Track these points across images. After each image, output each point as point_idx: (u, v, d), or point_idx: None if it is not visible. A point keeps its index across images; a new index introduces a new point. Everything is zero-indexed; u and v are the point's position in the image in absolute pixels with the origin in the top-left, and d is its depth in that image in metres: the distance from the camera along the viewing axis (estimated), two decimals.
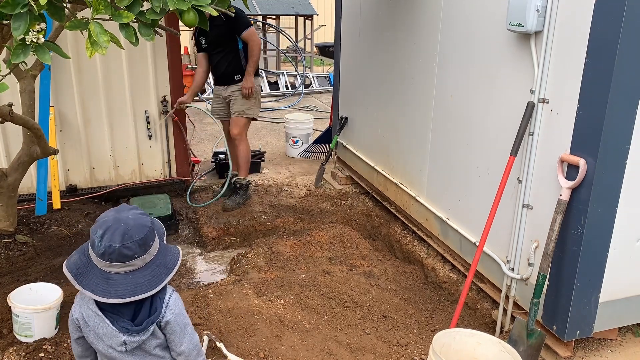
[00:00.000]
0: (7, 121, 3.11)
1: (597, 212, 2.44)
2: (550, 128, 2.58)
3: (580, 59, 2.34)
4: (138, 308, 1.70)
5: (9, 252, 3.64)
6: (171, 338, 1.78)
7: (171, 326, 1.75)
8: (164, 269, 1.70)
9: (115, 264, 1.62)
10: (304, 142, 6.36)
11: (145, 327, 1.69)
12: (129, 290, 1.62)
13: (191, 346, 1.80)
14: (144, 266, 1.66)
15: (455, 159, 3.37)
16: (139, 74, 4.64)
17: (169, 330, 1.76)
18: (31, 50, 2.02)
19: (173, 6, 2.01)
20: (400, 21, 3.87)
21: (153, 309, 1.71)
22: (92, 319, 1.70)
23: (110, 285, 1.62)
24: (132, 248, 1.62)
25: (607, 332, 2.82)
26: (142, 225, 1.66)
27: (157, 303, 1.72)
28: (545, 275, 2.58)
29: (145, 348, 1.75)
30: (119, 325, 1.68)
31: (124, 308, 1.68)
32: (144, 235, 1.65)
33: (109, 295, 1.61)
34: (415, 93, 3.76)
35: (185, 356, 1.80)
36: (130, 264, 1.63)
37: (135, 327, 1.68)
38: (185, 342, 1.79)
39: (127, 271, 1.64)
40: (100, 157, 4.74)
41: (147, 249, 1.66)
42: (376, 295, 3.31)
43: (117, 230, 1.61)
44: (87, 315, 1.70)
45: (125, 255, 1.61)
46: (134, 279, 1.64)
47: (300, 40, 11.69)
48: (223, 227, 4.46)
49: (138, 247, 1.63)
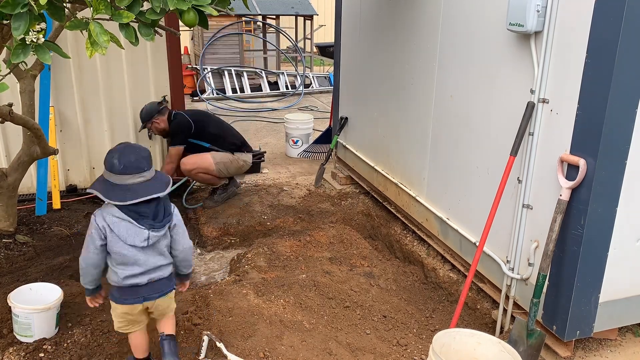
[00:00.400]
0: (7, 121, 3.11)
1: (597, 212, 2.44)
2: (550, 128, 2.58)
3: (580, 59, 2.34)
4: (156, 211, 2.26)
5: (9, 252, 3.64)
6: (176, 238, 2.36)
7: (177, 228, 2.36)
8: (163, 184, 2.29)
9: (133, 175, 2.20)
10: (304, 142, 6.36)
11: (165, 224, 2.28)
12: (147, 192, 2.21)
13: (189, 244, 2.42)
14: (151, 178, 2.25)
15: (455, 159, 3.37)
16: (139, 74, 4.64)
17: (176, 231, 2.35)
18: (31, 50, 2.02)
19: (173, 6, 2.01)
20: (400, 21, 3.87)
21: (167, 212, 2.31)
22: (117, 224, 2.21)
23: (132, 192, 2.19)
24: (142, 162, 2.23)
25: (607, 332, 2.82)
26: (144, 149, 2.31)
27: (169, 208, 2.33)
28: (545, 275, 2.58)
29: (157, 246, 2.29)
30: (144, 223, 2.22)
31: (146, 210, 2.23)
32: (147, 154, 2.28)
33: (131, 197, 2.17)
34: (415, 93, 3.76)
35: (186, 252, 2.41)
36: (142, 175, 2.22)
37: (157, 223, 2.25)
38: (185, 241, 2.39)
39: (141, 181, 2.22)
40: (100, 157, 4.68)
41: (150, 165, 2.27)
42: (376, 295, 3.31)
43: (129, 152, 2.24)
44: (111, 222, 2.21)
45: (139, 167, 2.21)
46: (147, 185, 2.22)
47: (300, 40, 11.70)
48: (223, 227, 4.46)
49: (146, 161, 2.25)
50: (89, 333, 2.75)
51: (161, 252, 2.32)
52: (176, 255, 2.39)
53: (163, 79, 4.74)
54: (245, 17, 10.39)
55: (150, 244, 2.25)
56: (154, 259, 2.29)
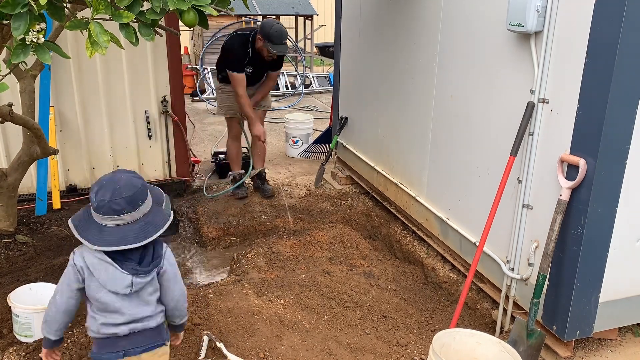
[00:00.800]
0: (7, 121, 3.11)
1: (597, 212, 2.44)
2: (550, 128, 2.58)
3: (580, 59, 2.34)
4: (143, 255, 1.96)
5: (9, 252, 3.64)
6: (166, 285, 2.03)
7: (167, 274, 2.02)
8: (152, 227, 1.92)
9: (106, 216, 1.87)
10: (304, 142, 6.36)
11: (151, 269, 1.96)
12: (116, 240, 1.87)
13: (179, 294, 2.09)
14: (132, 222, 1.90)
15: (455, 159, 3.37)
16: (139, 74, 4.64)
17: (165, 277, 2.02)
18: (31, 50, 2.02)
19: (173, 6, 2.01)
20: (400, 21, 3.87)
21: (156, 255, 1.99)
22: (98, 267, 1.91)
23: (102, 235, 1.87)
24: (120, 204, 1.86)
25: (607, 332, 2.82)
26: (132, 185, 1.90)
27: (158, 251, 2.00)
28: (545, 275, 2.58)
29: (142, 295, 1.98)
30: (127, 267, 1.92)
31: (131, 254, 1.92)
32: (132, 194, 1.88)
33: (98, 243, 1.86)
34: (415, 93, 3.76)
35: (175, 303, 2.08)
36: (119, 218, 1.87)
37: (142, 269, 1.94)
38: (177, 288, 2.06)
39: (117, 224, 1.88)
40: (100, 157, 4.74)
41: (135, 206, 1.89)
42: (376, 295, 3.31)
43: (108, 187, 1.88)
44: (92, 264, 1.91)
45: (114, 210, 1.86)
46: (123, 231, 1.88)
47: (300, 40, 11.70)
48: (223, 227, 4.46)
49: (126, 203, 1.87)
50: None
51: (147, 301, 1.99)
52: (166, 304, 2.07)
53: (163, 79, 4.74)
54: (245, 17, 10.39)
55: (134, 291, 1.94)
56: (138, 308, 1.97)
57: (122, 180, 1.91)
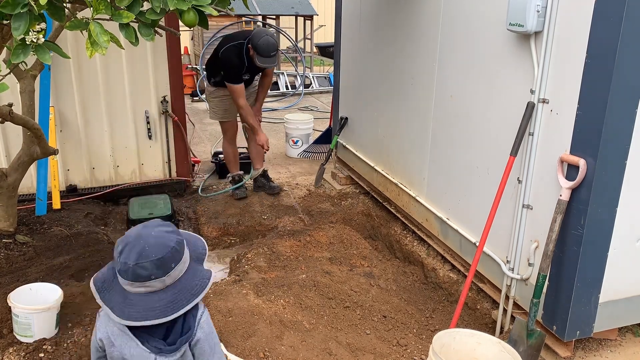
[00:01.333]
0: (7, 121, 3.11)
1: (597, 212, 2.44)
2: (550, 128, 2.58)
3: (580, 59, 2.34)
4: (170, 326, 1.60)
5: (9, 252, 3.64)
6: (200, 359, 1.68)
7: (201, 345, 1.65)
8: (186, 294, 1.57)
9: (132, 282, 1.53)
10: (304, 142, 6.36)
11: (179, 347, 1.60)
12: (139, 313, 1.52)
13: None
14: (164, 289, 1.55)
15: (455, 159, 3.37)
16: (139, 74, 4.64)
17: (199, 350, 1.66)
18: (31, 50, 2.02)
19: (173, 6, 2.01)
20: (400, 21, 3.87)
21: (186, 327, 1.61)
22: (119, 338, 1.59)
23: (125, 305, 1.53)
24: (147, 268, 1.51)
25: (607, 332, 2.82)
26: (163, 244, 1.54)
27: (190, 321, 1.63)
28: (545, 275, 2.58)
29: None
30: (150, 345, 1.58)
31: (156, 328, 1.57)
32: (163, 255, 1.52)
33: (122, 316, 1.52)
34: (415, 93, 3.76)
35: None
36: (147, 285, 1.53)
37: (168, 346, 1.58)
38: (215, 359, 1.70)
39: (144, 292, 1.54)
40: (100, 157, 4.74)
41: (167, 270, 1.54)
42: (376, 296, 3.31)
43: (134, 247, 1.52)
44: (112, 334, 1.60)
45: (139, 275, 1.51)
46: (150, 302, 1.53)
47: (300, 40, 11.69)
48: (223, 227, 4.46)
49: (155, 267, 1.51)
50: (89, 333, 2.75)
51: None
52: None
53: (163, 79, 4.74)
54: (245, 17, 10.39)
55: None
56: None
57: (151, 237, 1.55)
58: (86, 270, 3.49)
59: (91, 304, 3.01)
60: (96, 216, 4.45)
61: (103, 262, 3.61)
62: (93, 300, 2.92)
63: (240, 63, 4.47)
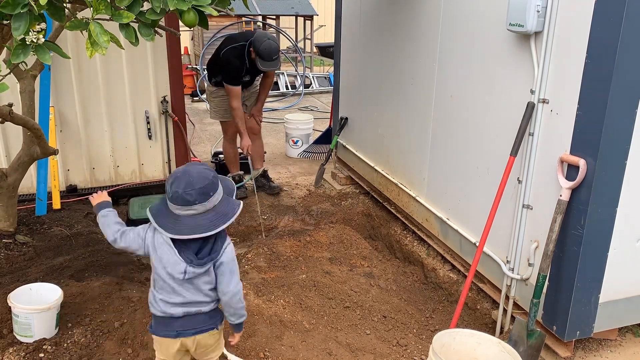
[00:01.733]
0: (7, 121, 3.11)
1: (597, 212, 2.44)
2: (550, 128, 2.58)
3: (580, 59, 2.34)
4: (202, 246, 2.04)
5: (9, 252, 3.64)
6: (220, 279, 2.07)
7: (223, 268, 2.06)
8: (222, 216, 2.02)
9: (180, 207, 1.97)
10: (304, 142, 6.36)
11: (205, 263, 2.02)
12: (190, 229, 1.97)
13: (235, 290, 2.10)
14: (205, 212, 2.00)
15: (455, 159, 3.37)
16: (139, 74, 4.64)
17: (220, 271, 2.06)
18: (31, 50, 2.02)
19: (173, 6, 2.01)
20: (400, 21, 3.87)
21: (214, 249, 2.05)
22: (162, 247, 2.03)
23: (176, 224, 1.98)
24: (192, 195, 1.96)
25: (607, 333, 2.82)
26: (204, 177, 1.99)
27: (218, 246, 2.06)
28: (545, 275, 2.58)
29: (196, 283, 2.05)
30: (184, 255, 2.01)
31: (191, 243, 2.01)
32: (204, 185, 1.97)
33: (172, 231, 1.98)
34: (415, 93, 3.76)
35: (229, 297, 2.09)
36: (192, 208, 1.98)
37: (198, 260, 2.01)
38: (232, 285, 2.08)
39: (190, 214, 1.98)
40: (100, 157, 4.74)
41: (207, 197, 1.99)
42: (376, 296, 3.31)
43: (182, 179, 1.97)
44: (157, 242, 2.04)
45: (187, 200, 1.96)
46: (196, 220, 1.98)
47: (300, 41, 11.70)
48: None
49: (198, 194, 1.96)
50: (89, 333, 2.75)
51: (201, 290, 2.07)
52: (220, 297, 2.11)
53: (163, 79, 4.74)
54: (245, 17, 10.39)
55: (187, 278, 2.02)
56: (192, 293, 2.06)
57: (194, 172, 2.00)
58: (86, 270, 3.49)
59: (91, 304, 3.01)
60: (96, 216, 4.45)
61: (103, 262, 3.61)
62: (93, 300, 2.93)
63: (240, 65, 4.49)
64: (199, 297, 2.07)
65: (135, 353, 2.63)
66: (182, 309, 2.07)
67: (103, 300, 3.05)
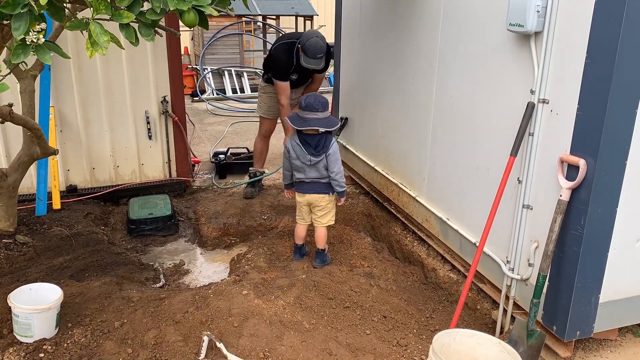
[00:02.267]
0: (7, 121, 3.11)
1: (597, 212, 2.44)
2: (550, 128, 2.58)
3: (580, 59, 2.34)
4: (318, 143, 3.39)
5: (9, 252, 3.64)
6: (328, 163, 3.42)
7: (331, 157, 3.41)
8: (332, 122, 3.42)
9: (309, 112, 3.34)
10: None
11: (321, 153, 3.39)
12: (313, 124, 3.34)
13: (338, 170, 3.46)
14: (322, 117, 3.36)
15: (455, 159, 3.37)
16: (139, 74, 4.64)
17: (329, 159, 3.41)
18: (31, 50, 2.02)
19: (173, 6, 2.02)
20: (400, 21, 3.87)
21: (326, 144, 3.40)
22: (295, 148, 3.42)
23: (305, 122, 3.35)
24: (317, 105, 3.34)
25: (607, 333, 2.82)
26: (324, 98, 3.41)
27: (328, 143, 3.41)
28: (545, 275, 2.58)
29: (317, 166, 3.42)
30: (309, 149, 3.39)
31: (311, 141, 3.38)
32: (324, 102, 3.39)
33: (301, 125, 3.36)
34: (415, 93, 3.76)
35: (335, 174, 3.45)
36: (315, 114, 3.34)
37: (316, 152, 3.39)
38: (336, 167, 3.45)
39: (314, 117, 3.34)
40: (100, 158, 4.74)
41: (325, 108, 3.38)
42: (376, 296, 3.31)
43: (312, 97, 3.40)
44: (292, 146, 3.45)
45: (313, 107, 3.34)
46: (316, 120, 3.34)
47: None
48: (223, 227, 4.46)
49: (320, 105, 3.35)
50: (89, 333, 2.75)
51: (319, 170, 3.43)
52: (330, 175, 3.44)
53: (163, 79, 4.74)
54: (245, 17, 10.40)
55: (311, 164, 3.40)
56: (314, 172, 3.44)
57: (319, 95, 3.46)
58: (86, 270, 3.49)
59: (91, 304, 3.01)
60: (96, 216, 4.45)
61: (103, 262, 3.62)
62: (93, 300, 2.93)
63: (288, 60, 4.50)
64: (318, 174, 3.45)
65: (135, 353, 2.63)
66: (308, 179, 3.47)
67: (103, 300, 3.05)
